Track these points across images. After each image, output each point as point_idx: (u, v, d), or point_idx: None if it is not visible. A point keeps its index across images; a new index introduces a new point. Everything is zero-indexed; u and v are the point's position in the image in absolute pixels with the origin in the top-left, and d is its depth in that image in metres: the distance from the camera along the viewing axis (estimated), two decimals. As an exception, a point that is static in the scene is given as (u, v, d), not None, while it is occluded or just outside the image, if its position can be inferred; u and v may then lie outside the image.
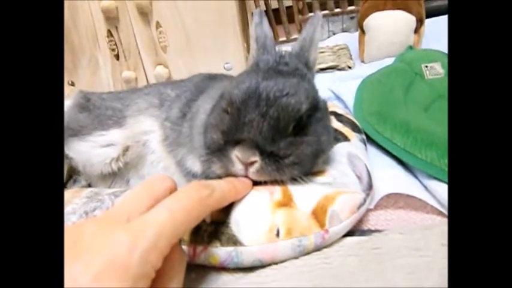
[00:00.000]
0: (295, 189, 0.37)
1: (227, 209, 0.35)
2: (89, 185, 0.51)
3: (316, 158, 0.38)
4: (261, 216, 0.34)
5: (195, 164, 0.44)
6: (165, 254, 0.26)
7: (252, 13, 0.88)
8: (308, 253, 0.35)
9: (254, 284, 0.33)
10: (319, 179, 0.39)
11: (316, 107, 0.39)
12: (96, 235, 0.25)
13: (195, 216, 0.29)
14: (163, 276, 0.27)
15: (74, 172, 0.50)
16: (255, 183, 0.37)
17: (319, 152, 0.38)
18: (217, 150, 0.37)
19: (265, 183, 0.37)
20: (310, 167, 0.38)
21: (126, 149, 0.48)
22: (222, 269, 0.35)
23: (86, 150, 0.47)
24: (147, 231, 0.25)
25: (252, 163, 0.35)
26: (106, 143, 0.48)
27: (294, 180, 0.37)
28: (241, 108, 0.36)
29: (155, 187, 0.30)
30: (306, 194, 0.36)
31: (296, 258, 0.34)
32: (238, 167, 0.36)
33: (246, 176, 0.36)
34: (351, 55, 0.98)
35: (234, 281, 0.34)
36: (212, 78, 0.55)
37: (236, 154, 0.35)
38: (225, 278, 0.35)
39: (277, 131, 0.35)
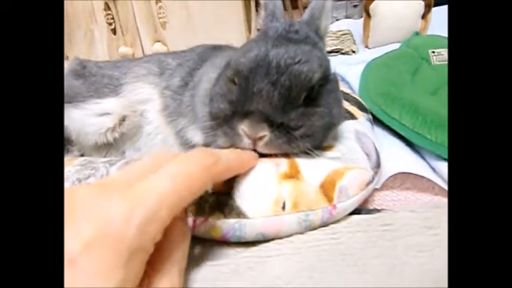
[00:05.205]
0: (302, 162, 0.35)
1: (230, 179, 0.33)
2: (82, 156, 0.49)
3: (328, 131, 0.37)
4: (266, 188, 0.32)
5: (195, 135, 0.42)
6: (165, 225, 0.24)
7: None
8: (314, 229, 0.33)
9: (257, 258, 0.31)
10: (327, 153, 0.37)
11: (328, 78, 0.37)
12: (90, 200, 0.23)
13: (200, 186, 0.26)
14: (163, 252, 0.25)
15: (66, 142, 0.47)
16: (261, 155, 0.35)
17: (330, 124, 0.36)
18: (224, 123, 0.35)
19: (272, 155, 0.35)
20: (321, 140, 0.36)
21: (122, 119, 0.46)
22: (223, 242, 0.33)
23: (80, 118, 0.45)
24: (147, 199, 0.22)
25: (261, 138, 0.33)
26: (101, 111, 0.45)
27: (303, 153, 0.35)
28: (250, 77, 0.33)
29: (162, 160, 0.27)
30: (314, 167, 0.35)
31: (301, 233, 0.33)
32: (246, 142, 0.34)
33: (254, 150, 0.34)
34: (354, 40, 0.96)
35: (235, 254, 0.32)
36: (216, 48, 0.52)
37: (243, 129, 0.33)
38: (226, 252, 0.33)
39: (288, 100, 0.33)
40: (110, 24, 0.86)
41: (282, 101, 0.33)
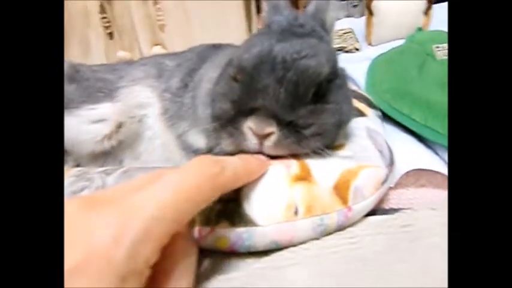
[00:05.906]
0: (312, 163, 0.33)
1: (238, 184, 0.31)
2: (78, 166, 0.46)
3: (338, 128, 0.34)
4: (277, 192, 0.30)
5: (198, 138, 0.40)
6: (162, 244, 0.21)
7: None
8: (329, 234, 0.31)
9: (271, 269, 0.29)
10: (339, 152, 0.35)
11: (336, 73, 0.35)
12: (78, 217, 0.20)
13: (204, 198, 0.23)
14: (166, 271, 0.23)
15: (61, 151, 0.45)
16: (269, 157, 0.33)
17: (341, 122, 0.34)
18: (227, 123, 0.32)
19: (280, 158, 0.33)
20: (332, 139, 0.34)
21: (119, 126, 0.43)
22: (230, 254, 0.31)
23: (74, 126, 0.42)
24: (140, 214, 0.20)
25: (268, 135, 0.31)
26: (96, 118, 0.43)
27: (314, 153, 0.32)
28: (254, 74, 0.31)
29: (164, 172, 0.25)
30: (325, 168, 0.32)
31: (316, 239, 0.30)
32: (252, 141, 0.31)
33: (261, 152, 0.32)
34: (356, 38, 0.94)
35: (246, 266, 0.30)
36: (216, 46, 0.50)
37: (249, 125, 0.31)
38: (236, 264, 0.31)
39: (296, 97, 0.31)
40: (107, 28, 0.84)
41: (289, 98, 0.31)
